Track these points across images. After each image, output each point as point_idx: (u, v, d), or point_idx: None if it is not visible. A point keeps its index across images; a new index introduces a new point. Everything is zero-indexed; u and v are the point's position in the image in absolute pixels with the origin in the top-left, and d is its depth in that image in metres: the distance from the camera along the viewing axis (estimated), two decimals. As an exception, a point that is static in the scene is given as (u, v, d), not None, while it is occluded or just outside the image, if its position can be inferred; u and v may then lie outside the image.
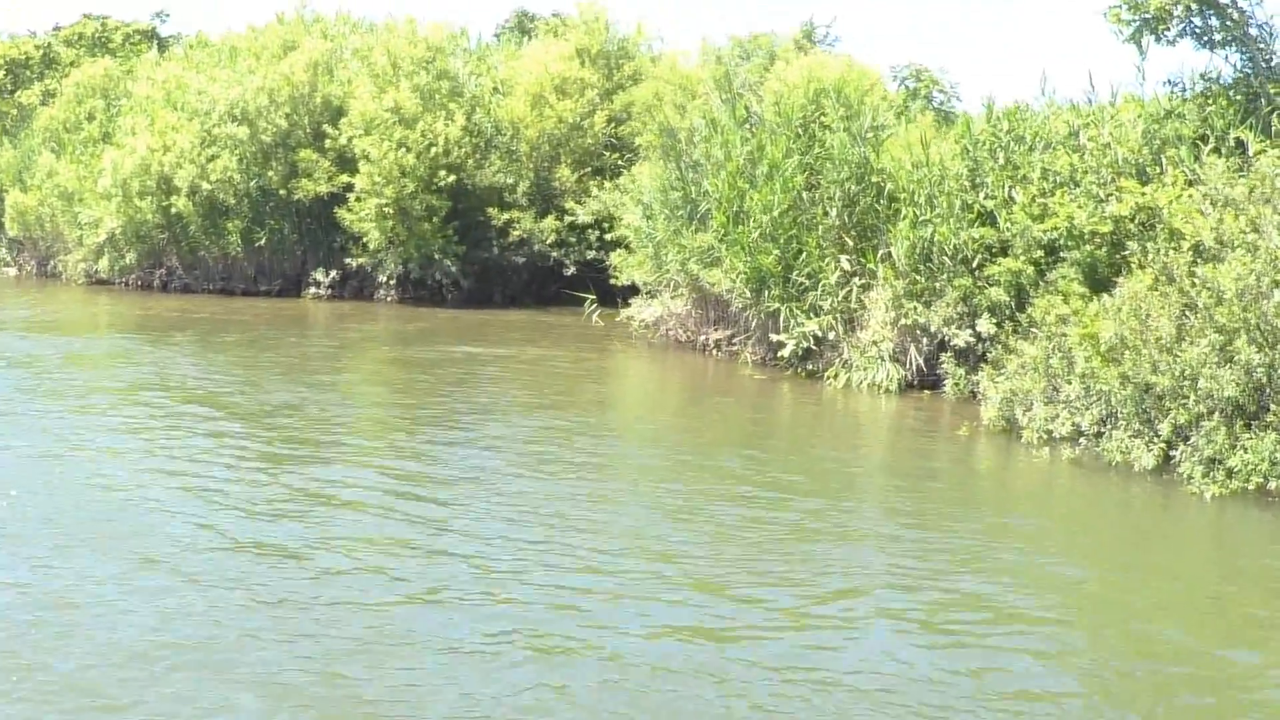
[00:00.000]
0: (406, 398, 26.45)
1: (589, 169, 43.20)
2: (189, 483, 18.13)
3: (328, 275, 44.77)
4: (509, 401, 25.97)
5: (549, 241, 42.41)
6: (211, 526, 15.98)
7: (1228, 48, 25.88)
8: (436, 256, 42.51)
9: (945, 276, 26.45)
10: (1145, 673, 12.14)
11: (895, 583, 14.58)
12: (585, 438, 22.77)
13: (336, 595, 13.53)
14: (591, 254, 41.26)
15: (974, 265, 26.23)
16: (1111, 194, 24.40)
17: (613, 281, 36.49)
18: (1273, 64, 25.67)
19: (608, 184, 41.43)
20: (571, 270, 42.26)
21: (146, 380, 27.30)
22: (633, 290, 36.18)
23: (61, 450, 20.04)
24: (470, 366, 29.94)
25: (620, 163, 42.66)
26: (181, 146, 45.26)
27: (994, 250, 26.18)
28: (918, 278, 26.77)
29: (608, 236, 39.79)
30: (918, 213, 27.04)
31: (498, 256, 43.27)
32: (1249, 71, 25.66)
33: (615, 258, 37.02)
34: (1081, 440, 20.98)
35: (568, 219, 42.13)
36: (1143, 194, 23.49)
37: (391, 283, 43.69)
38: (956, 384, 25.61)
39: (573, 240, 42.28)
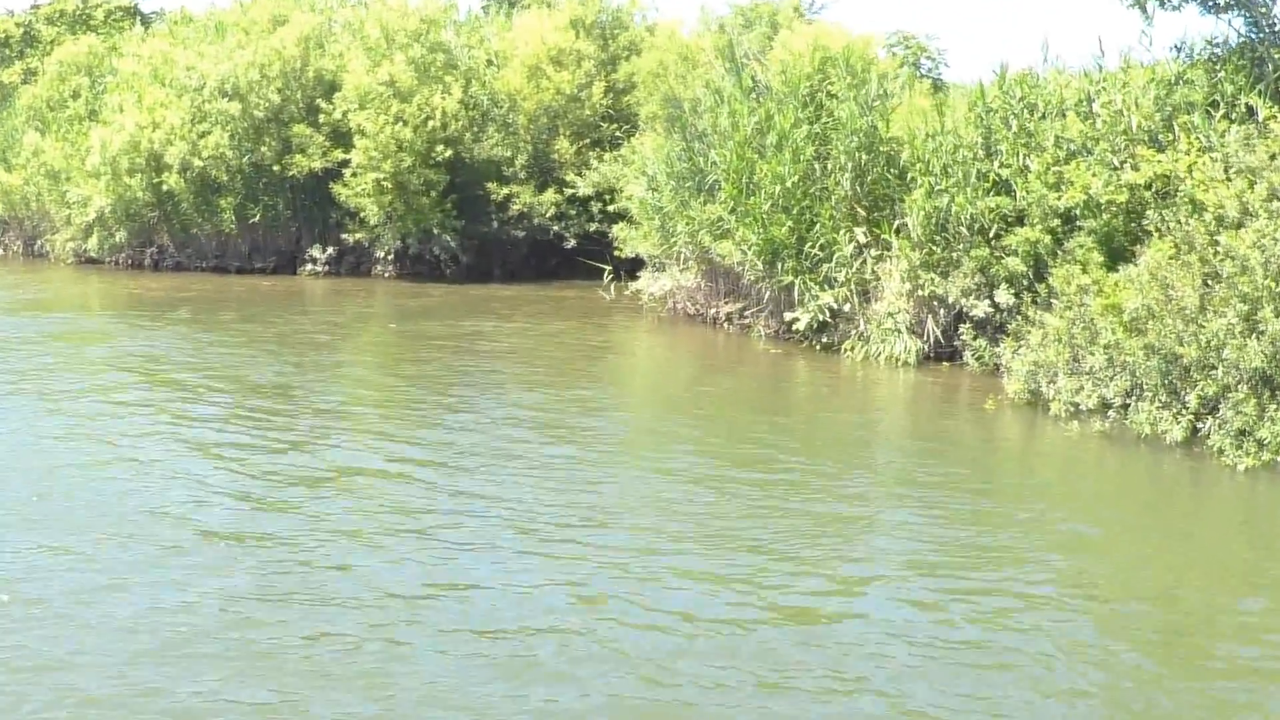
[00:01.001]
0: (417, 374, 26.21)
1: (588, 140, 42.88)
2: (188, 461, 18.17)
3: (324, 252, 44.44)
4: (521, 375, 25.89)
5: (549, 215, 42.14)
6: (209, 504, 16.11)
7: (1231, 11, 25.78)
8: (435, 231, 42.23)
9: (961, 247, 26.37)
10: (1167, 639, 12.24)
11: (914, 550, 14.71)
12: (600, 409, 22.87)
13: (347, 573, 13.56)
14: (594, 226, 40.97)
15: (990, 235, 26.17)
16: (1125, 161, 24.37)
17: (617, 253, 36.26)
18: (1277, 29, 25.59)
19: (607, 155, 41.23)
20: (572, 243, 42.04)
21: (139, 359, 27.08)
22: (636, 263, 35.99)
23: (50, 432, 19.88)
24: (479, 342, 29.77)
25: (619, 134, 42.46)
26: (171, 123, 44.74)
27: (1009, 220, 26.10)
28: (934, 248, 26.69)
29: (610, 208, 39.55)
30: (933, 182, 26.93)
31: (497, 231, 42.95)
32: (1254, 36, 25.60)
33: (617, 230, 36.87)
34: (1110, 413, 20.95)
35: (568, 192, 41.84)
36: (1159, 161, 23.43)
37: (389, 258, 43.42)
38: (979, 357, 25.50)
39: (573, 213, 41.99)
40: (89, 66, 54.06)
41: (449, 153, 41.72)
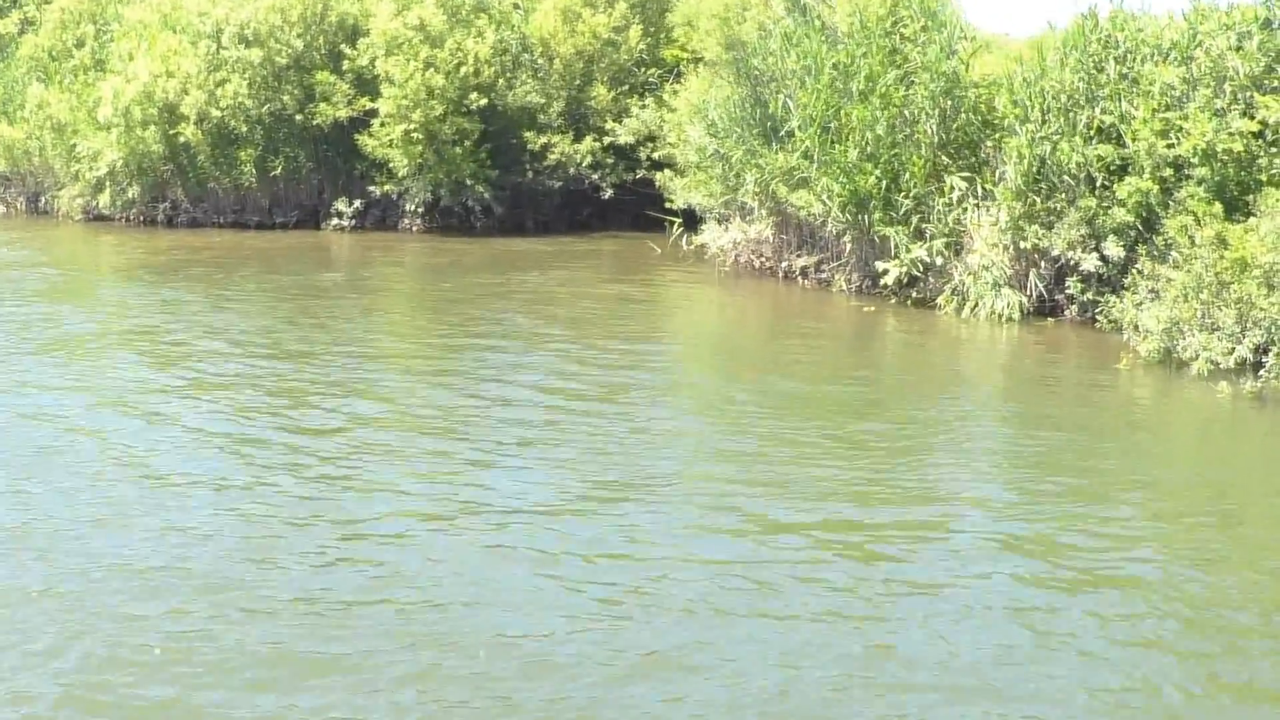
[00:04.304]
0: (478, 335, 24.67)
1: (625, 86, 41.29)
2: (211, 436, 16.97)
3: (349, 205, 42.74)
4: (589, 334, 24.52)
5: (585, 164, 40.61)
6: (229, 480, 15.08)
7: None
8: (468, 182, 40.66)
9: (1064, 197, 24.99)
10: None
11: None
12: (692, 367, 22.27)
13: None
14: (640, 174, 39.39)
15: (1096, 185, 24.78)
16: (1231, 105, 23.18)
17: (668, 203, 34.74)
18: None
19: (648, 101, 39.68)
20: (608, 194, 40.58)
21: (155, 322, 25.72)
22: (682, 215, 34.49)
23: (72, 407, 18.51)
24: (535, 299, 28.35)
25: (652, 79, 40.88)
26: (187, 71, 42.97)
27: (1113, 168, 24.75)
28: (1034, 198, 25.27)
29: (655, 156, 38.00)
30: (1034, 129, 25.46)
31: (531, 181, 41.42)
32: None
33: (662, 179, 35.34)
34: (1262, 372, 19.71)
35: (606, 140, 40.30)
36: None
37: (418, 211, 41.80)
38: (1108, 315, 23.93)
39: (611, 162, 40.48)
40: (93, 14, 52.00)
41: (483, 100, 40.08)
